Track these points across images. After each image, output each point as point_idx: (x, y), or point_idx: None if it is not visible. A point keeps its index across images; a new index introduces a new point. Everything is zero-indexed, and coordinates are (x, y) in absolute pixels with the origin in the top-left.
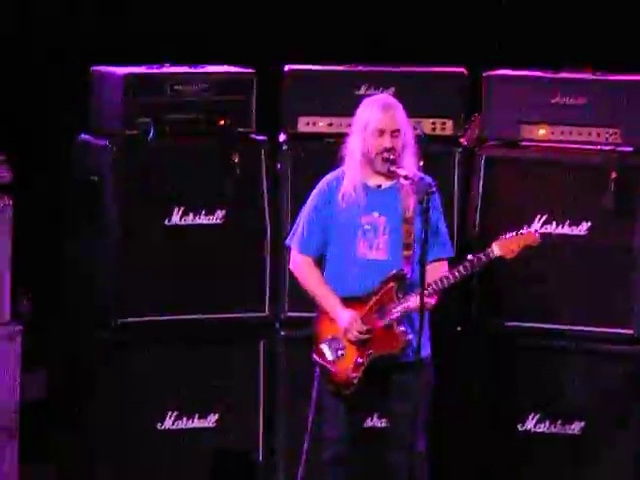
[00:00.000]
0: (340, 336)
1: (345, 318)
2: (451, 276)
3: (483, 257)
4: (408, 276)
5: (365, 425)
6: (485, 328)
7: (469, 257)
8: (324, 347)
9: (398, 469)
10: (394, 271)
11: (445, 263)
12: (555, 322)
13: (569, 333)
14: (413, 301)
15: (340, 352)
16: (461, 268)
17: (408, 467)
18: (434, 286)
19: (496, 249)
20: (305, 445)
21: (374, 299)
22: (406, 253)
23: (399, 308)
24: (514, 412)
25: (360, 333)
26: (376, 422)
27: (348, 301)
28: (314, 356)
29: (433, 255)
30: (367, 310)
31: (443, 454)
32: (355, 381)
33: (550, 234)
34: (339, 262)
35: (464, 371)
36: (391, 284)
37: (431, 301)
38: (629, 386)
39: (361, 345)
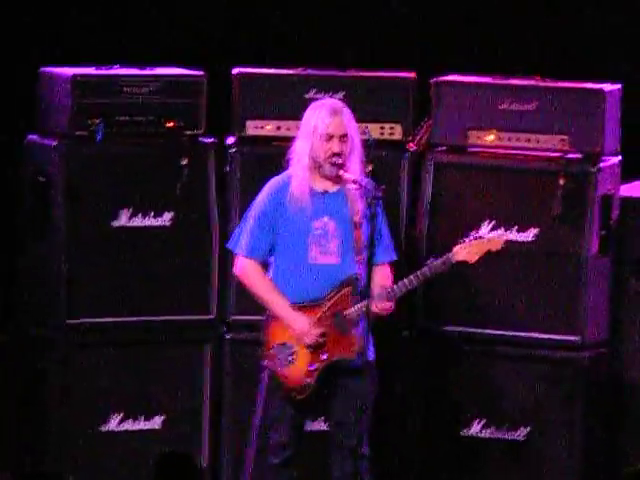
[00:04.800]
0: (291, 341)
1: (300, 322)
2: (413, 280)
3: (444, 261)
4: (362, 280)
5: (310, 429)
6: (431, 333)
7: (430, 261)
8: (275, 352)
9: (342, 472)
10: (349, 275)
11: (388, 267)
12: (501, 328)
13: (515, 339)
14: (366, 306)
15: (291, 357)
16: (421, 272)
17: (352, 470)
18: (395, 290)
19: (458, 253)
20: (250, 451)
21: (329, 304)
22: (359, 257)
23: (355, 312)
24: (459, 417)
25: (317, 337)
26: (321, 425)
27: (299, 306)
28: (264, 362)
29: (378, 259)
30: (321, 315)
31: (387, 458)
32: (309, 387)
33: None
34: (289, 267)
35: (409, 376)
36: (346, 288)
37: (389, 306)
38: (575, 392)
39: (315, 350)
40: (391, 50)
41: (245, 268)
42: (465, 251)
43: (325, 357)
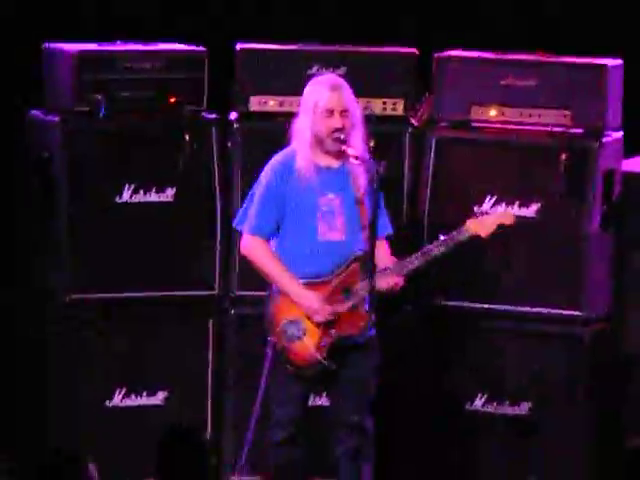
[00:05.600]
0: (300, 317)
1: (311, 299)
2: (425, 255)
3: (457, 235)
4: (369, 256)
5: (313, 404)
6: (434, 308)
7: (442, 237)
8: (283, 329)
9: (345, 447)
10: (357, 252)
11: (385, 241)
12: (504, 303)
13: (517, 314)
14: (379, 282)
15: (300, 334)
16: (434, 248)
17: (355, 445)
18: (409, 266)
19: (471, 227)
20: (252, 426)
21: (337, 280)
22: (364, 233)
23: (365, 288)
24: (462, 392)
25: (329, 314)
26: (324, 401)
27: (308, 283)
28: (271, 338)
29: (382, 232)
30: (330, 291)
31: (390, 434)
32: (318, 362)
33: None
34: (297, 243)
35: (412, 351)
36: (355, 265)
37: (399, 282)
38: (577, 367)
39: (324, 326)
40: (393, 25)
41: (252, 246)
42: (478, 224)
43: (334, 333)
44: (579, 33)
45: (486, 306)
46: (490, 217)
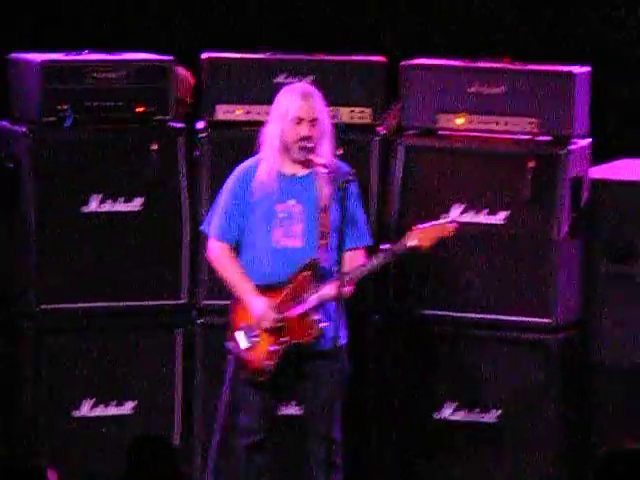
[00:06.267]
0: (254, 324)
1: (259, 305)
2: (367, 265)
3: (397, 247)
4: (323, 265)
5: (281, 413)
6: (402, 316)
7: (383, 246)
8: (238, 335)
9: (315, 457)
10: (309, 259)
11: (362, 252)
12: (473, 311)
13: (487, 322)
14: (328, 289)
15: (254, 340)
16: (375, 258)
17: (324, 455)
18: (351, 275)
19: (411, 239)
20: (217, 435)
21: (289, 287)
22: (322, 242)
23: (314, 296)
24: (431, 400)
25: (274, 321)
26: (293, 410)
27: (263, 289)
28: (228, 344)
29: (350, 244)
30: (282, 298)
31: (359, 442)
32: (269, 369)
33: (468, 223)
34: (255, 249)
35: (380, 360)
36: (306, 272)
37: (348, 290)
38: (547, 374)
39: (275, 333)
40: (361, 34)
41: (215, 251)
42: (418, 237)
43: (285, 340)
44: (547, 40)
45: (455, 314)
46: (431, 228)
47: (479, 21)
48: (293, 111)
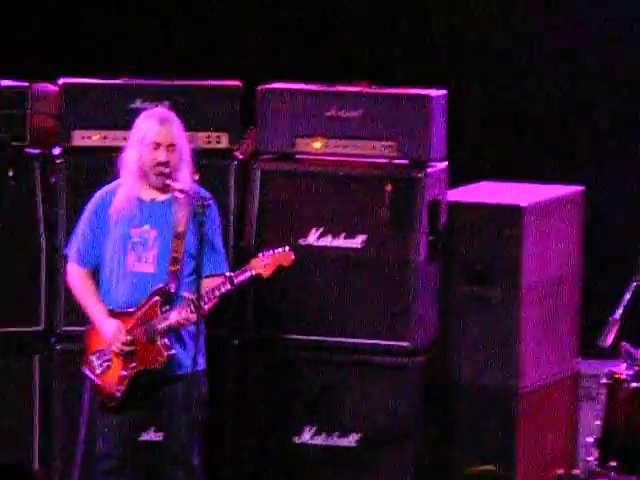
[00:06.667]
0: (107, 348)
1: (110, 328)
2: (211, 293)
3: (241, 275)
4: (173, 291)
5: (141, 439)
6: (262, 342)
7: (227, 274)
8: (92, 359)
9: None
10: (159, 285)
11: (221, 279)
12: (332, 335)
13: (346, 345)
14: (174, 316)
15: (106, 364)
16: (220, 285)
17: None
18: (196, 302)
19: (253, 267)
20: (76, 458)
21: (139, 312)
22: (173, 268)
23: (163, 322)
24: (290, 424)
25: (124, 344)
26: (152, 436)
27: (117, 314)
28: (83, 369)
29: (208, 270)
30: (133, 323)
31: (218, 468)
32: (118, 394)
33: (326, 247)
34: (110, 274)
35: (240, 384)
36: (155, 298)
37: (192, 317)
38: (406, 397)
39: (126, 358)
40: (217, 58)
41: (73, 275)
42: (260, 264)
43: (134, 365)
44: (404, 63)
45: (314, 338)
46: (271, 257)
47: (340, 44)
48: (150, 136)
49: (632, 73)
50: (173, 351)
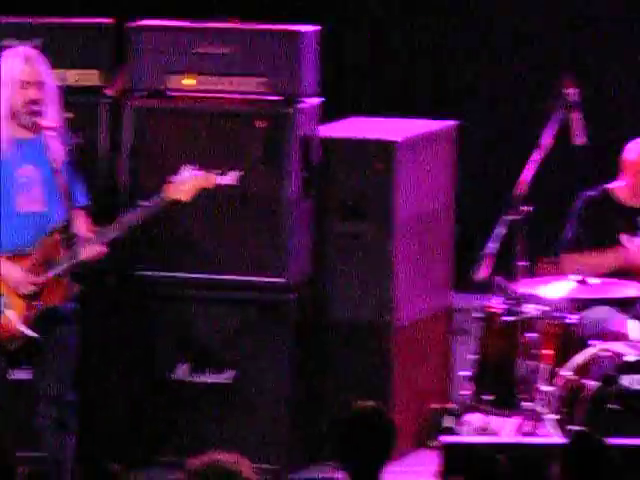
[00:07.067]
0: (3, 290)
1: (14, 272)
2: (123, 222)
3: (156, 202)
4: (72, 227)
5: (14, 377)
6: (134, 278)
7: (141, 203)
8: None
9: (47, 419)
10: (58, 223)
11: (83, 211)
12: (206, 272)
13: (220, 282)
14: (82, 252)
15: (3, 306)
16: (132, 215)
17: (57, 418)
18: (109, 235)
19: (170, 192)
20: None
21: (39, 252)
22: (66, 204)
23: (66, 259)
24: (166, 361)
25: (32, 285)
26: (26, 374)
27: (11, 255)
28: None
29: (77, 203)
30: (33, 263)
31: (94, 404)
32: (23, 334)
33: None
34: (0, 217)
35: (113, 322)
36: (56, 235)
37: (102, 250)
38: (280, 334)
39: (29, 298)
40: None
41: None
42: (178, 189)
43: (39, 304)
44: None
45: (186, 275)
46: (190, 181)
47: None
48: (18, 75)
49: None
50: (76, 288)
